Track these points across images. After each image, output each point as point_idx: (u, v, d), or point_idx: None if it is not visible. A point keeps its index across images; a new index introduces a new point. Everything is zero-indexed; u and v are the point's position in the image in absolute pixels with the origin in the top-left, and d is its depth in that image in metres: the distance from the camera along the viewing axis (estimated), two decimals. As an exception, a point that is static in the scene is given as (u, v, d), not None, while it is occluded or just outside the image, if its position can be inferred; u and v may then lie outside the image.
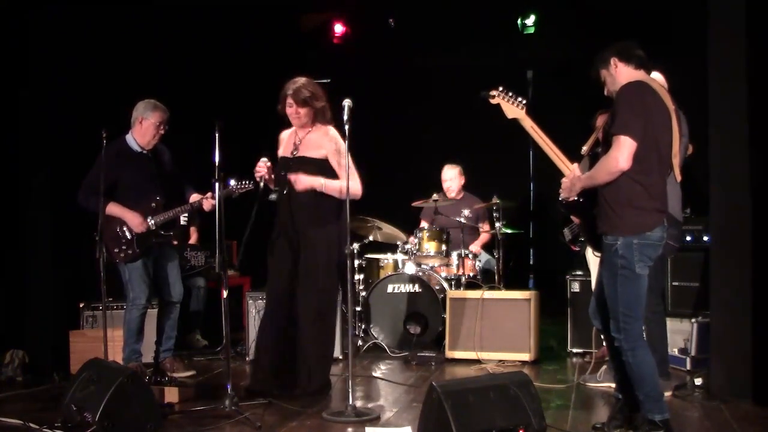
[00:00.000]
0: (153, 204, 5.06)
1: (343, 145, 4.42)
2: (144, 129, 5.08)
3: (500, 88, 3.83)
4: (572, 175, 3.67)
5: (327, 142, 4.62)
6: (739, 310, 4.41)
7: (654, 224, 3.49)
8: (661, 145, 3.53)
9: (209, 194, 4.92)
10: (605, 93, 3.77)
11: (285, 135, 4.86)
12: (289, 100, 4.61)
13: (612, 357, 3.86)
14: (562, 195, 3.73)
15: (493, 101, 3.84)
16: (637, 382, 3.56)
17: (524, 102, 3.80)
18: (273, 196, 4.64)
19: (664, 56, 4.50)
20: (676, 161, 3.63)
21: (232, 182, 4.87)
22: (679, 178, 3.71)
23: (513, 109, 3.79)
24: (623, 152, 3.40)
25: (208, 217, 4.96)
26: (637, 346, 3.52)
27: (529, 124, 3.77)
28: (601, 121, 4.29)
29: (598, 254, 3.78)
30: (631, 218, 3.47)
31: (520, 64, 7.93)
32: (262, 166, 4.58)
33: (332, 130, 4.66)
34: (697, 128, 4.66)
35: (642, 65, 3.66)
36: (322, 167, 4.60)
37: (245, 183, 4.87)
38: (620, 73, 3.64)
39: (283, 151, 4.78)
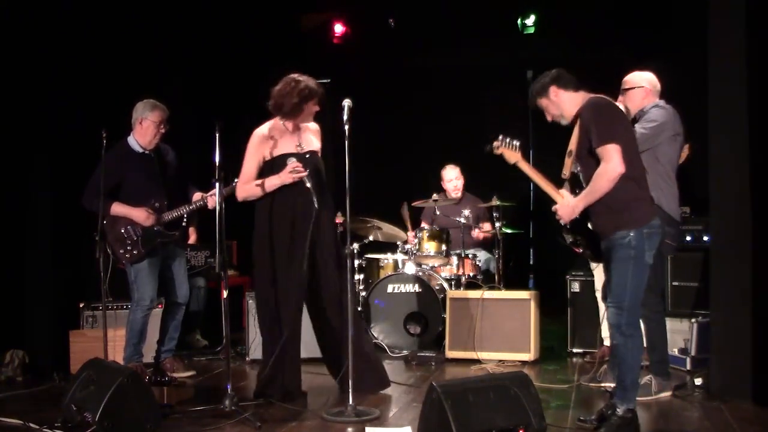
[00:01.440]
0: (156, 204, 5.06)
1: None
2: (144, 129, 5.08)
3: (500, 137, 4.08)
4: (566, 201, 3.84)
5: (318, 135, 4.75)
6: (739, 310, 4.40)
7: (654, 212, 3.77)
8: (632, 145, 3.77)
9: (213, 191, 4.88)
10: (548, 119, 3.97)
11: (270, 132, 4.64)
12: (316, 100, 4.59)
13: (613, 359, 3.90)
14: (563, 220, 3.87)
15: (497, 152, 4.09)
16: (627, 369, 3.71)
17: (518, 144, 4.05)
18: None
19: (664, 56, 4.52)
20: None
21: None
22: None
23: (512, 154, 4.06)
24: (615, 158, 3.61)
25: (208, 217, 4.96)
26: (635, 333, 3.72)
27: (526, 166, 4.03)
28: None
29: (596, 263, 3.87)
30: (638, 211, 3.69)
31: (520, 64, 7.92)
32: (298, 165, 4.44)
33: (316, 125, 4.78)
34: (697, 128, 4.66)
35: (579, 87, 3.86)
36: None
37: None
38: (563, 99, 3.86)
39: (283, 148, 4.59)
